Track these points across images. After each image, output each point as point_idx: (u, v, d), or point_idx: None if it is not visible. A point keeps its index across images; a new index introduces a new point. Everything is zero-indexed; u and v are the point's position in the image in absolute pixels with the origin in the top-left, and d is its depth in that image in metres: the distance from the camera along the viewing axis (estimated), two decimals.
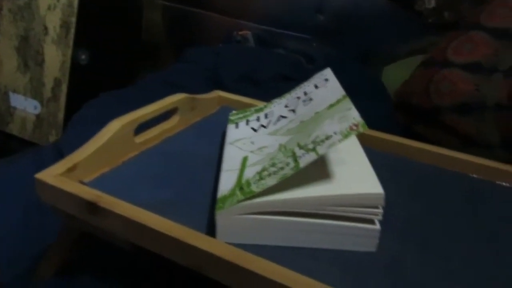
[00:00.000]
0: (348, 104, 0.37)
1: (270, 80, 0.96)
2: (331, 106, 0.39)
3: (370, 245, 0.36)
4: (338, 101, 0.39)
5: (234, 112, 0.53)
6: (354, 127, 0.33)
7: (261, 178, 0.35)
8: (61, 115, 1.17)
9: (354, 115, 0.34)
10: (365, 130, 0.33)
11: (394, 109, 0.94)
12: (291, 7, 1.22)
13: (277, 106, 0.49)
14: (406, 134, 0.88)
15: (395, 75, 1.03)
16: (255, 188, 0.34)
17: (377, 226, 0.35)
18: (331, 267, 0.34)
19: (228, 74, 1.00)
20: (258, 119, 0.48)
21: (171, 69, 1.05)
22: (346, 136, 0.33)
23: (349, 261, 0.35)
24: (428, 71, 0.86)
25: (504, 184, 0.49)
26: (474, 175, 0.50)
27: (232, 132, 0.47)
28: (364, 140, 0.54)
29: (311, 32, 1.23)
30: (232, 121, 0.50)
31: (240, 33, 1.27)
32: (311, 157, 0.33)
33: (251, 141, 0.43)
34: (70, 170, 0.40)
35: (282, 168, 0.35)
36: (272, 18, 1.27)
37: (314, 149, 0.34)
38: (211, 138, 0.52)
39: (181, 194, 0.41)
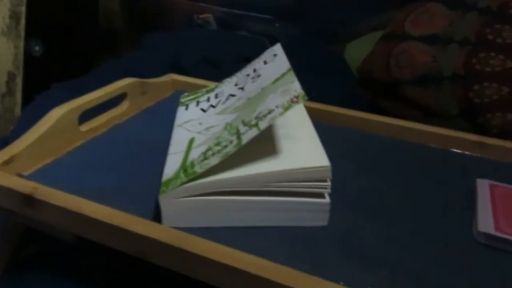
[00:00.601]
0: (292, 77, 0.36)
1: (231, 62, 0.94)
2: (276, 80, 0.38)
3: (321, 220, 0.35)
4: (283, 75, 0.37)
5: (185, 94, 0.51)
6: (295, 99, 0.32)
7: (205, 158, 0.34)
8: (18, 110, 1.12)
9: (295, 87, 0.33)
10: (304, 100, 0.32)
11: (357, 85, 0.94)
12: None
13: (228, 85, 0.47)
14: (370, 109, 0.88)
15: (358, 51, 1.03)
16: (198, 168, 0.33)
17: (327, 200, 0.35)
18: (281, 244, 0.33)
19: (189, 59, 0.97)
20: (208, 99, 0.47)
21: (128, 57, 1.01)
22: (286, 108, 0.32)
23: (300, 237, 0.34)
24: (387, 46, 0.86)
25: (456, 151, 0.49)
26: (431, 145, 0.50)
27: (181, 115, 0.46)
28: (322, 117, 0.54)
29: (274, 13, 1.21)
30: (183, 103, 0.48)
31: (201, 16, 1.24)
32: (253, 132, 0.32)
33: (199, 122, 0.42)
34: (7, 162, 0.38)
35: (225, 146, 0.33)
36: (234, 0, 1.24)
37: (256, 125, 0.33)
38: (163, 123, 0.50)
39: (128, 182, 0.39)
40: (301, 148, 0.36)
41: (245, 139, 0.32)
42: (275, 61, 0.43)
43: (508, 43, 0.72)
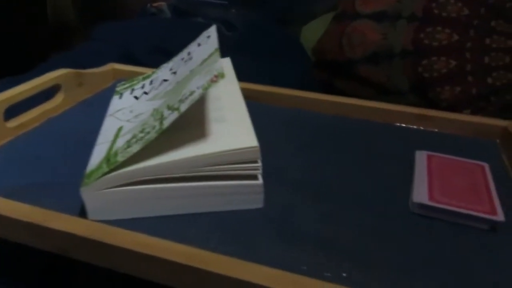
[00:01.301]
0: (216, 57, 0.34)
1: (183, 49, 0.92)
2: (204, 61, 0.36)
3: (256, 202, 0.34)
4: (210, 55, 0.36)
5: (122, 82, 0.49)
6: (214, 78, 0.30)
7: (128, 146, 0.32)
8: None
9: (216, 67, 0.32)
10: (223, 78, 0.30)
11: (313, 67, 0.93)
12: None
13: (163, 71, 0.45)
14: (326, 90, 0.88)
15: (314, 33, 1.02)
16: (120, 157, 0.31)
17: (260, 181, 0.34)
18: (212, 230, 0.32)
19: (140, 48, 0.94)
20: (143, 86, 0.45)
21: (78, 49, 0.97)
22: (206, 88, 0.30)
23: (234, 221, 0.33)
24: (339, 25, 0.85)
25: (400, 124, 0.49)
26: (375, 120, 0.50)
27: (114, 104, 0.44)
28: (266, 98, 0.53)
29: None
30: (117, 92, 0.46)
31: (154, 5, 1.20)
32: (173, 116, 0.31)
33: (130, 110, 0.40)
34: None
35: (148, 133, 0.32)
36: None
37: (178, 108, 0.31)
38: (101, 115, 0.48)
39: (57, 177, 0.37)
40: (230, 131, 0.34)
41: (166, 123, 0.31)
42: (207, 43, 0.41)
43: (453, 17, 0.72)
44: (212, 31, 0.44)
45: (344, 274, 0.29)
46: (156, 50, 0.92)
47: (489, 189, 0.36)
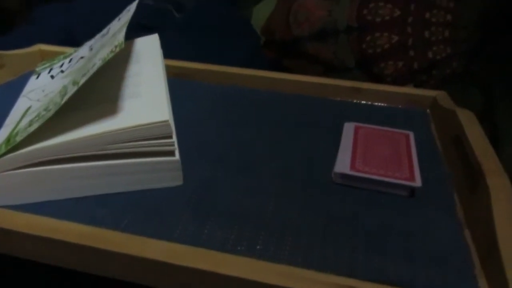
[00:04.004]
0: (123, 28, 0.33)
1: (128, 31, 0.89)
2: (114, 34, 0.34)
3: (175, 179, 0.33)
4: (120, 28, 0.34)
5: (42, 62, 0.46)
6: (114, 48, 0.29)
7: (30, 126, 0.30)
8: None
9: (118, 37, 0.30)
10: (121, 48, 0.29)
11: (263, 47, 0.92)
12: None
13: (84, 48, 0.43)
14: (276, 69, 0.87)
15: (264, 13, 1.00)
16: (19, 137, 0.29)
17: (176, 157, 0.32)
18: (126, 210, 0.31)
19: (83, 31, 0.89)
20: (62, 65, 0.42)
21: (16, 33, 0.92)
22: (105, 60, 0.29)
23: (150, 200, 0.32)
24: (286, 4, 0.84)
25: (334, 98, 0.49)
26: (310, 95, 0.49)
27: (30, 84, 0.41)
28: (201, 76, 0.51)
29: None
30: (36, 72, 0.44)
31: None
32: (72, 90, 0.29)
33: (42, 90, 0.37)
34: None
35: (50, 110, 0.30)
36: None
37: (78, 82, 0.29)
38: (18, 97, 0.45)
39: None
40: (142, 106, 0.33)
41: (65, 98, 0.29)
42: (125, 17, 0.39)
43: None
44: (133, 6, 0.42)
45: (258, 247, 0.28)
46: (99, 33, 0.89)
47: (411, 157, 0.36)
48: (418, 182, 0.33)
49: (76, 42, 0.87)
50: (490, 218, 0.28)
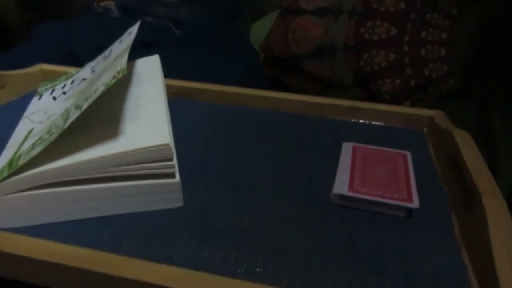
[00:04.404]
0: (125, 53, 0.33)
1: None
2: (116, 58, 0.35)
3: (175, 201, 0.34)
4: (122, 52, 0.35)
5: (44, 82, 0.47)
6: (116, 74, 0.29)
7: (32, 149, 0.30)
8: None
9: (120, 63, 0.31)
10: (123, 74, 0.29)
11: (262, 63, 0.93)
12: None
13: (86, 69, 0.44)
14: (274, 86, 0.88)
15: (262, 30, 1.02)
16: (21, 161, 0.30)
17: (176, 179, 0.33)
18: (126, 232, 0.31)
19: (84, 48, 0.91)
20: (64, 86, 0.43)
21: (18, 50, 0.93)
22: (107, 85, 0.29)
23: (150, 222, 0.32)
24: (284, 21, 0.86)
25: (333, 118, 0.49)
26: (309, 114, 0.50)
27: (32, 105, 0.42)
28: (200, 96, 0.52)
29: None
30: (38, 93, 0.44)
31: (102, 4, 1.17)
32: (75, 114, 0.30)
33: (45, 111, 0.38)
34: None
35: (52, 134, 0.30)
36: None
37: (81, 106, 0.30)
38: (20, 118, 0.45)
39: None
40: (142, 129, 0.33)
41: (68, 122, 0.30)
42: (127, 40, 0.40)
43: (391, 11, 0.74)
44: (134, 28, 0.43)
45: (257, 269, 0.29)
46: (100, 50, 0.90)
47: (409, 177, 0.37)
48: (415, 204, 0.33)
49: (77, 59, 0.88)
50: (486, 238, 0.29)
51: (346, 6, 0.77)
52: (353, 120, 0.49)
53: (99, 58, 0.44)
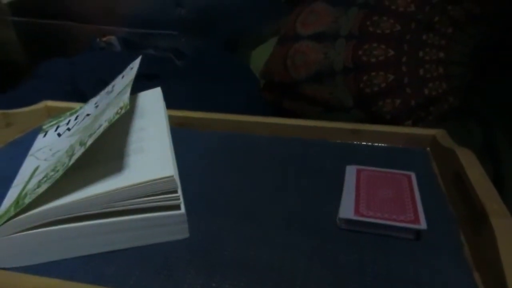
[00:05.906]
0: (128, 88, 0.34)
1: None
2: (118, 93, 0.36)
3: (181, 232, 0.33)
4: (124, 87, 0.35)
5: (48, 120, 0.48)
6: (120, 110, 0.30)
7: (38, 187, 0.31)
8: None
9: (123, 98, 0.31)
10: (126, 110, 0.30)
11: (262, 90, 0.94)
12: (150, 5, 1.18)
13: (90, 105, 0.45)
14: (276, 112, 0.89)
15: (262, 56, 1.04)
16: (28, 199, 0.30)
17: (182, 211, 0.33)
18: (134, 266, 0.31)
19: (87, 83, 0.93)
20: (68, 122, 0.44)
21: (24, 87, 0.95)
22: (111, 121, 0.30)
23: (157, 255, 0.32)
24: (283, 48, 0.87)
25: (335, 141, 0.49)
26: (310, 138, 0.50)
27: (38, 142, 0.42)
28: (202, 124, 0.53)
29: (177, 28, 1.20)
30: (43, 130, 0.45)
31: (103, 39, 1.20)
32: (79, 151, 0.30)
33: (50, 148, 0.38)
34: None
35: (58, 171, 0.31)
36: (136, 19, 1.21)
37: (85, 143, 0.30)
38: (26, 155, 0.46)
39: None
40: (146, 162, 0.34)
41: (73, 159, 0.30)
42: (129, 75, 0.41)
43: (387, 33, 0.75)
44: (136, 63, 0.44)
45: None
46: (102, 84, 0.91)
47: (414, 198, 0.37)
48: (423, 225, 0.33)
49: (81, 92, 0.89)
50: (497, 259, 0.28)
51: (343, 30, 0.79)
52: (355, 142, 0.49)
53: (103, 93, 0.45)
